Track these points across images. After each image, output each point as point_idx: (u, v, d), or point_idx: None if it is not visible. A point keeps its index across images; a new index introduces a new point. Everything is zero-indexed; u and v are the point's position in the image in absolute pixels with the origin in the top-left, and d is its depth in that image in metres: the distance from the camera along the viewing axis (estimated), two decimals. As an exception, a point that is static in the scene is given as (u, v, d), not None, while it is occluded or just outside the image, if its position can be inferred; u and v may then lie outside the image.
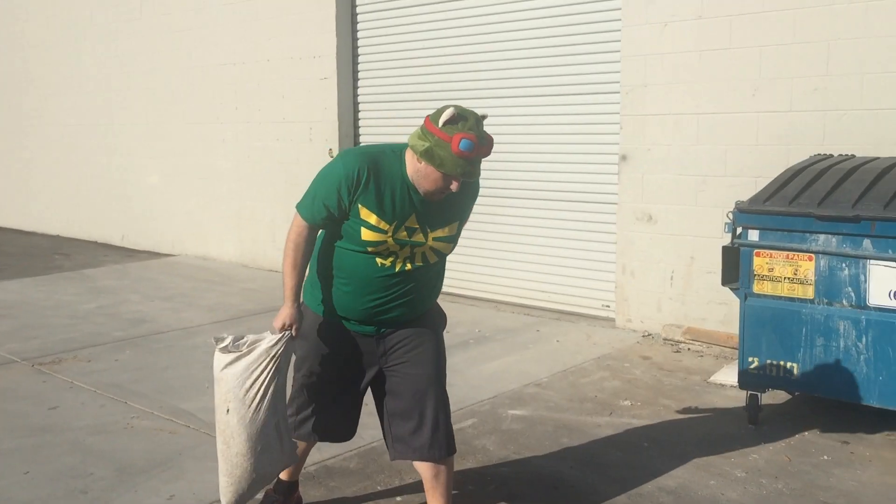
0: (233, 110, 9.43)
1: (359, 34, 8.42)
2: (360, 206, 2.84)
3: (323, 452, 4.10)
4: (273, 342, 2.95)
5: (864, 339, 4.06)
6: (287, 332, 2.99)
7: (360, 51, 8.43)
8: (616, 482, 3.73)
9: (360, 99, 8.50)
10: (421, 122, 2.86)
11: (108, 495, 3.61)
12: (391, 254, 2.89)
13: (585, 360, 5.66)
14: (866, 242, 4.00)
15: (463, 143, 2.70)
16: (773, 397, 4.74)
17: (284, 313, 3.00)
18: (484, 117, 2.82)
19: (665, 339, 6.13)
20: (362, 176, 2.83)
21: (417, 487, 3.66)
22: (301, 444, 3.24)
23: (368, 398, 3.26)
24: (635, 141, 6.24)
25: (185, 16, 9.84)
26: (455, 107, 2.76)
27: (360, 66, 8.46)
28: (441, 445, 3.02)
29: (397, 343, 3.05)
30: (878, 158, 4.60)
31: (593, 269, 6.78)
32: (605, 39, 6.50)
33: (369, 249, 2.88)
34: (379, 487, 3.72)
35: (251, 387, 2.94)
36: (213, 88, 9.63)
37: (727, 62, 5.74)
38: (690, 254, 6.04)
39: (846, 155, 4.89)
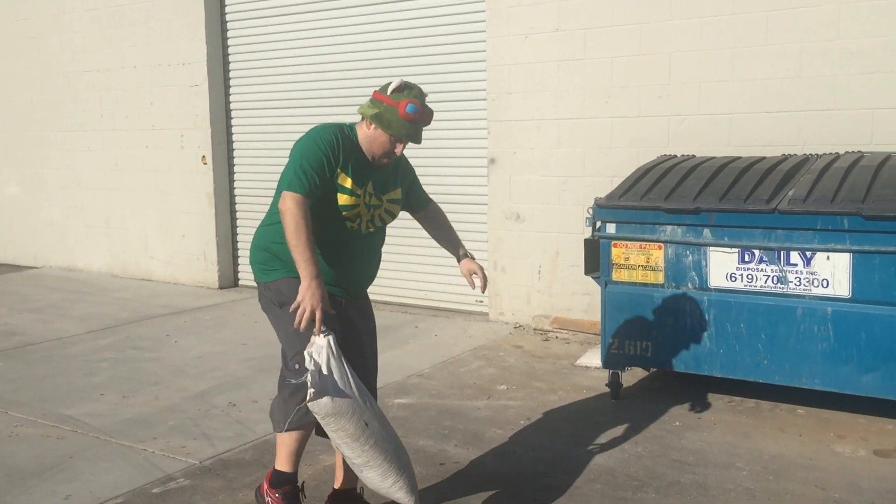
0: (98, 118, 9.23)
1: (229, 41, 8.47)
2: (338, 170, 3.09)
3: (217, 447, 4.24)
4: (325, 345, 2.94)
5: (707, 318, 4.58)
6: (328, 336, 2.98)
7: (231, 58, 8.49)
8: (497, 456, 4.07)
9: (232, 106, 8.54)
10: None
11: (2, 499, 3.62)
12: (358, 216, 3.16)
13: (463, 351, 6.00)
14: (706, 231, 4.53)
15: (409, 106, 3.08)
16: (633, 374, 5.22)
17: (303, 289, 2.92)
18: (426, 95, 3.20)
19: (535, 329, 6.57)
20: (339, 142, 3.10)
21: (314, 475, 3.87)
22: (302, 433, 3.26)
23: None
24: (502, 145, 6.66)
25: (44, 21, 9.55)
26: (400, 79, 3.16)
27: (231, 73, 8.51)
28: None
29: (357, 320, 3.29)
30: (714, 157, 5.18)
31: (466, 266, 7.14)
32: (471, 49, 6.90)
33: (343, 214, 3.12)
34: (275, 475, 3.89)
35: (354, 388, 2.97)
36: (76, 96, 9.40)
37: (583, 71, 6.24)
38: (556, 249, 6.50)
39: (688, 155, 5.46)
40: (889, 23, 5.13)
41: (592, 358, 5.60)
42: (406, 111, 3.09)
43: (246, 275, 8.61)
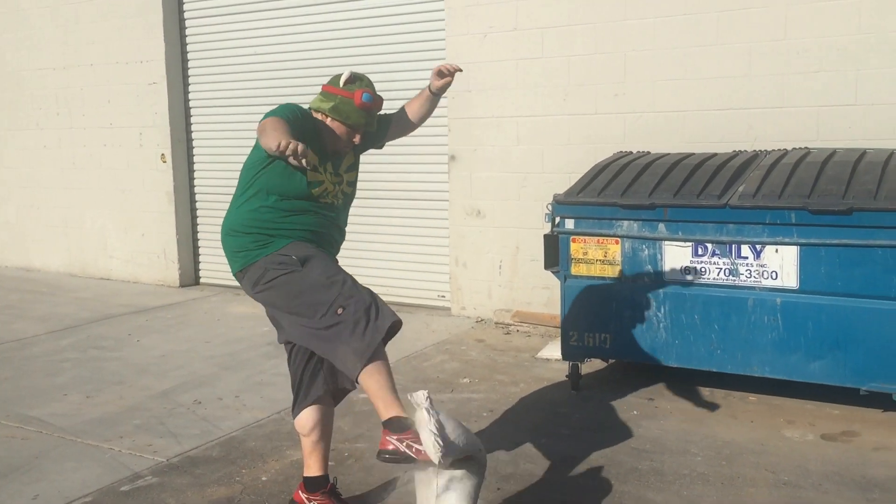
0: (55, 116, 9.13)
1: (188, 39, 8.44)
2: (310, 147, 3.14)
3: (183, 444, 4.28)
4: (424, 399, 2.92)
5: (662, 310, 4.73)
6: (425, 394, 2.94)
7: (189, 55, 8.46)
8: (460, 447, 4.16)
9: (191, 104, 8.52)
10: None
11: (-31, 501, 3.63)
12: (326, 191, 3.26)
13: (426, 345, 6.09)
14: (661, 226, 4.68)
15: (364, 96, 3.22)
16: (592, 366, 5.36)
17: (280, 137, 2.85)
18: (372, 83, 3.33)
19: (496, 323, 6.69)
20: (307, 117, 3.22)
21: (282, 470, 3.94)
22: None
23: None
24: (462, 142, 6.75)
25: (-3, 17, 9.41)
26: (350, 70, 3.28)
27: (190, 71, 8.48)
28: None
29: None
30: (668, 154, 5.33)
31: (429, 262, 7.25)
32: (430, 48, 6.97)
33: (313, 191, 3.21)
34: (244, 471, 3.95)
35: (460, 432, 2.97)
36: (32, 94, 9.28)
37: (540, 70, 6.36)
38: (516, 244, 6.62)
39: (643, 151, 5.60)
40: (833, 23, 5.32)
41: (553, 350, 5.73)
42: (362, 101, 3.23)
43: (208, 272, 8.59)
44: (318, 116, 3.30)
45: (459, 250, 6.90)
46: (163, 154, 8.43)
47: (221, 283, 8.31)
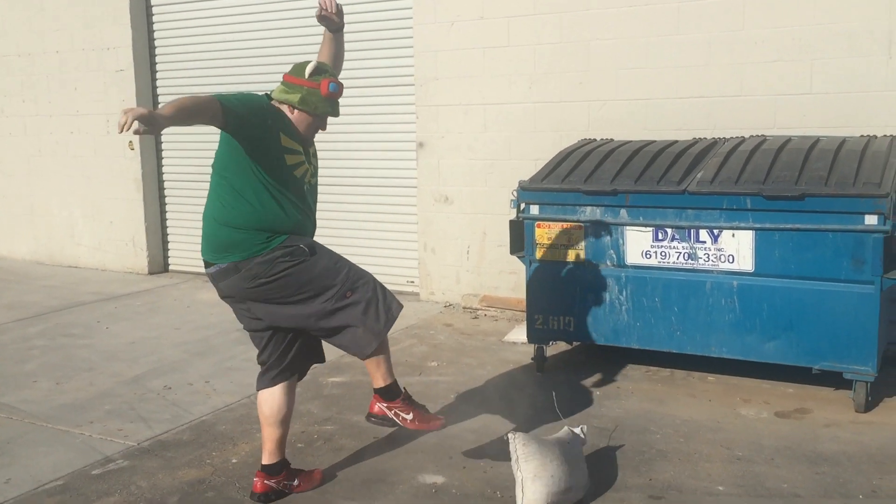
0: (20, 103, 9.05)
1: (155, 26, 8.40)
2: (280, 133, 3.26)
3: (154, 429, 4.34)
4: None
5: (624, 293, 4.86)
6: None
7: (157, 42, 8.43)
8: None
9: (159, 91, 8.49)
10: None
11: (-60, 486, 3.66)
12: (305, 171, 3.39)
13: (395, 330, 6.13)
14: (623, 212, 4.80)
15: (331, 86, 3.33)
16: (557, 348, 5.49)
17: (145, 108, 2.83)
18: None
19: (465, 308, 6.80)
20: (270, 108, 3.30)
21: (251, 452, 4.01)
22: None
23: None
24: (430, 129, 6.83)
25: (-42, 3, 9.28)
26: (313, 61, 3.36)
27: (157, 59, 8.45)
28: None
29: None
30: (631, 141, 5.45)
31: (397, 248, 7.33)
32: (398, 36, 7.03)
33: (295, 173, 3.33)
34: (214, 453, 4.02)
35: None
36: (-5, 80, 9.19)
37: (507, 58, 6.45)
38: (483, 230, 6.72)
39: (607, 139, 5.72)
40: (789, 14, 5.46)
41: (519, 334, 5.85)
42: (329, 91, 3.34)
43: (177, 259, 8.60)
44: (283, 108, 3.35)
45: (428, 236, 6.99)
46: (130, 141, 8.40)
47: (190, 270, 8.33)
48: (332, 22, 3.68)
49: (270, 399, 3.50)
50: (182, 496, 3.57)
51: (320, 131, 3.45)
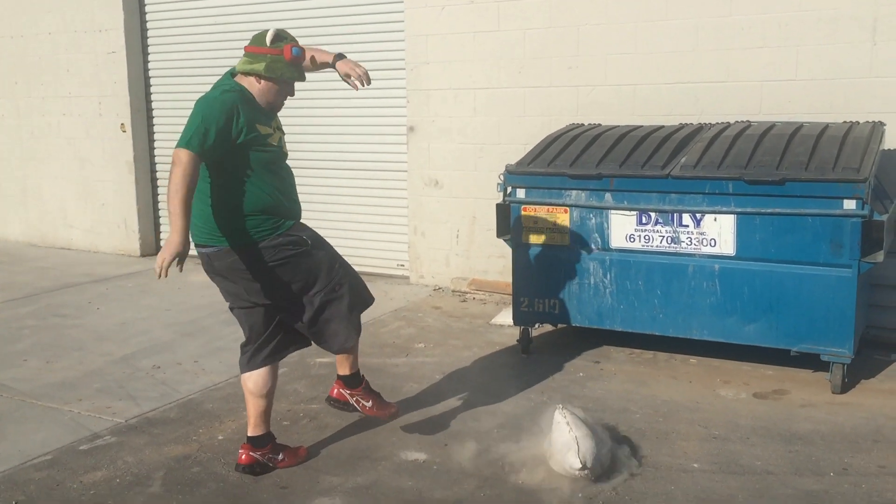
0: (12, 85, 9.07)
1: (147, 7, 8.41)
2: (255, 124, 3.32)
3: (142, 406, 4.40)
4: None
5: (608, 276, 4.92)
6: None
7: (148, 24, 8.43)
8: (411, 407, 4.33)
9: (151, 73, 8.51)
10: None
11: (-70, 460, 3.73)
12: (281, 142, 3.52)
13: (383, 313, 6.24)
14: (607, 196, 4.85)
15: (294, 50, 3.39)
16: (543, 331, 5.55)
17: (175, 242, 3.15)
18: None
19: (453, 291, 6.86)
20: (242, 101, 3.33)
21: (238, 429, 4.07)
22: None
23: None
24: (421, 113, 6.86)
25: (-50, -16, 9.27)
26: (271, 29, 3.41)
27: (149, 40, 8.46)
28: None
29: None
30: (617, 126, 5.50)
31: (388, 231, 7.38)
32: (389, 20, 7.04)
33: (279, 148, 3.43)
34: (200, 430, 4.09)
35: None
36: (-13, 61, 9.19)
37: (497, 43, 6.48)
38: (473, 214, 6.77)
39: (594, 124, 5.77)
40: (775, 0, 5.49)
41: (506, 317, 5.90)
42: (293, 55, 3.41)
43: (169, 243, 8.63)
44: (249, 80, 3.40)
45: (418, 220, 7.03)
46: (122, 123, 8.43)
47: (183, 252, 8.35)
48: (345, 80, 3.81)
49: (256, 377, 3.58)
50: (168, 471, 3.64)
51: (289, 98, 3.52)
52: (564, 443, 3.44)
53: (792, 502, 3.27)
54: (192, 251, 3.38)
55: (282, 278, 3.46)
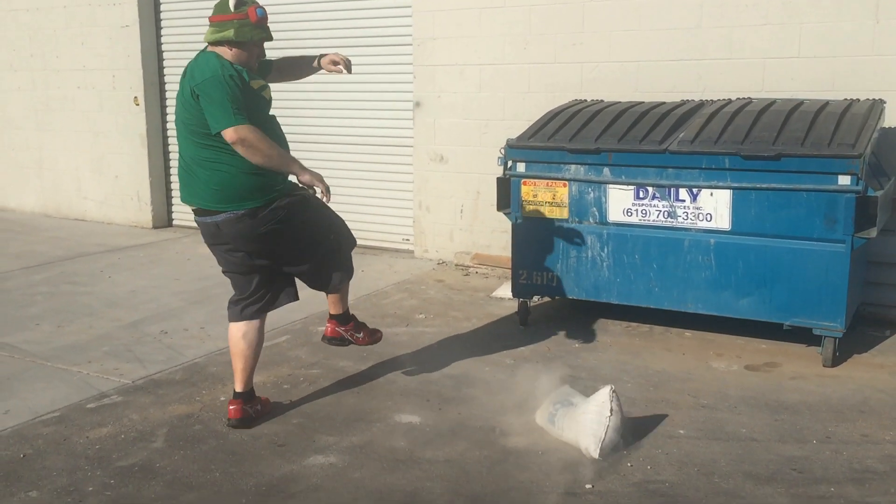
0: (28, 57, 9.20)
1: (160, -19, 8.50)
2: (251, 82, 3.49)
3: (148, 369, 4.54)
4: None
5: (605, 250, 4.99)
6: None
7: (161, -1, 8.54)
8: (409, 375, 4.44)
9: (164, 47, 8.61)
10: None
11: (-57, 414, 3.88)
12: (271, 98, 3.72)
13: (387, 285, 6.35)
14: (605, 170, 4.91)
15: (258, 11, 3.52)
16: (541, 303, 5.64)
17: (310, 173, 3.53)
18: None
19: (457, 265, 6.95)
20: (235, 71, 3.47)
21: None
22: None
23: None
24: (427, 89, 6.93)
25: (-33, -43, 9.40)
26: None
27: (162, 14, 8.55)
28: None
29: None
30: (619, 102, 5.55)
31: (393, 206, 7.47)
32: (397, -5, 7.11)
33: (264, 94, 3.61)
34: (203, 392, 4.22)
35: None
36: (4, 35, 9.32)
37: (503, 19, 6.52)
38: (477, 189, 6.85)
39: (597, 100, 5.81)
40: (781, -22, 5.52)
41: (507, 290, 5.97)
42: (258, 16, 3.54)
43: (181, 214, 8.77)
44: (221, 48, 3.52)
45: (423, 195, 7.12)
46: (136, 97, 8.54)
47: (193, 225, 8.45)
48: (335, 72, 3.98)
49: (251, 332, 3.74)
50: (171, 428, 3.77)
51: (259, 59, 3.64)
52: (595, 422, 3.48)
53: (772, 466, 3.36)
54: (192, 223, 3.52)
55: (287, 235, 3.64)
